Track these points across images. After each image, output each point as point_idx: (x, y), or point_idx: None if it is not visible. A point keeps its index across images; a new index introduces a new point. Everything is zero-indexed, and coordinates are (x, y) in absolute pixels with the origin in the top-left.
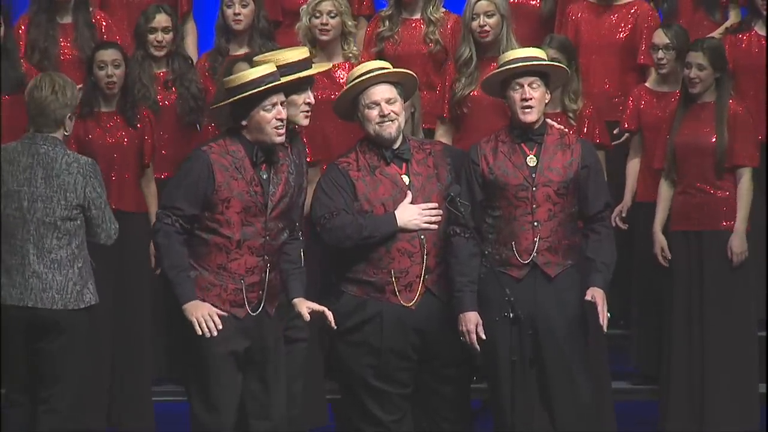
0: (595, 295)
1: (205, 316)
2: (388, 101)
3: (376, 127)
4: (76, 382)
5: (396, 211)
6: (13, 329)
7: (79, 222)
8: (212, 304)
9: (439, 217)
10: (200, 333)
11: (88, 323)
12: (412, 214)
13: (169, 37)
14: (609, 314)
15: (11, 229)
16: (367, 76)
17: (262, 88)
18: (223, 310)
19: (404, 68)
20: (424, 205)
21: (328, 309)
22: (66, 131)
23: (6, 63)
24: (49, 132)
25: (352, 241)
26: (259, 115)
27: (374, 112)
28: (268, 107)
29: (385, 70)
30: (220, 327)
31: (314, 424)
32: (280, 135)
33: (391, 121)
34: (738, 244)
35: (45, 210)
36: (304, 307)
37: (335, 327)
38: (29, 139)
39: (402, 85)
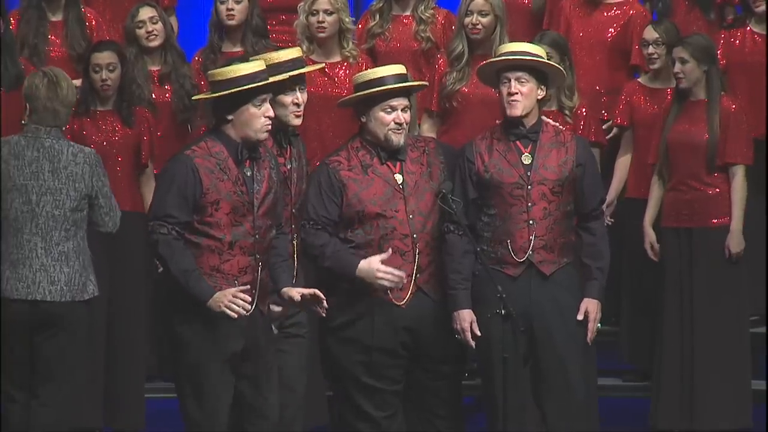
0: (589, 308)
1: (230, 301)
2: (403, 109)
3: (389, 133)
4: (73, 377)
5: (361, 262)
6: (17, 324)
7: (84, 213)
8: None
9: (402, 280)
10: (235, 317)
11: (89, 316)
12: (370, 273)
13: (158, 26)
14: (599, 325)
15: (19, 223)
16: (394, 86)
17: (255, 84)
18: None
19: (395, 64)
20: (386, 269)
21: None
22: (66, 126)
23: (5, 57)
24: (52, 127)
25: (314, 260)
26: (249, 111)
27: (390, 117)
28: (258, 103)
29: (412, 83)
30: (248, 299)
31: (315, 422)
32: (265, 132)
33: (403, 130)
34: (736, 243)
35: (55, 202)
36: (294, 291)
37: (325, 314)
38: (33, 133)
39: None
